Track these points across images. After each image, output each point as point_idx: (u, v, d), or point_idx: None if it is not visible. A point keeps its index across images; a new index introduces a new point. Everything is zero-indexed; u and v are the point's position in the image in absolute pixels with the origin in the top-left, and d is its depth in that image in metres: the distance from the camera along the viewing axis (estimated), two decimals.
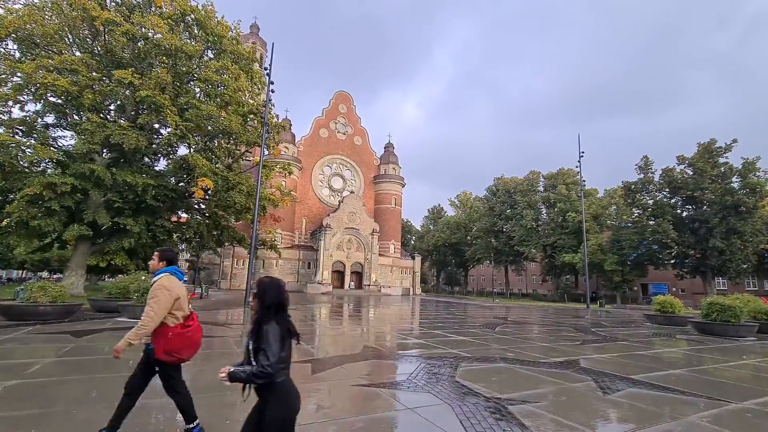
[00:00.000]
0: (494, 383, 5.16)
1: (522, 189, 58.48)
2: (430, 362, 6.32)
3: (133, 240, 21.47)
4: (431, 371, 5.65)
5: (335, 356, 6.61)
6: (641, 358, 7.53)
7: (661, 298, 15.97)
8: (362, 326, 12.08)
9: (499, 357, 7.04)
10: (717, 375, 6.11)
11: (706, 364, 6.99)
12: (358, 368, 5.80)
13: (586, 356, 7.42)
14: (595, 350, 8.21)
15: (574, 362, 6.73)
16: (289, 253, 44.09)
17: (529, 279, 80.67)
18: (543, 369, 6.10)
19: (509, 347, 8.28)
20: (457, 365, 6.13)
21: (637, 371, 6.17)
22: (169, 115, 17.50)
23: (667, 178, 40.01)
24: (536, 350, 8.06)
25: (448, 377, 5.30)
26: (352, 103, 53.95)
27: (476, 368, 6.01)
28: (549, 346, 8.67)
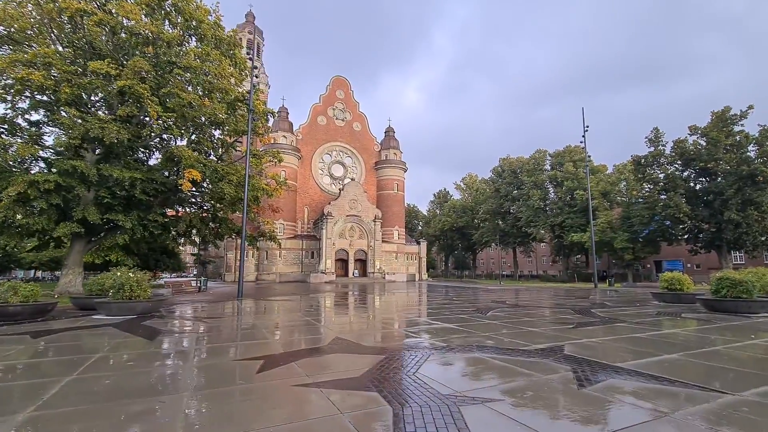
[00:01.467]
0: (458, 378, 4.59)
1: (528, 169, 57.15)
2: (398, 355, 5.77)
3: (127, 236, 21.30)
4: (393, 365, 5.10)
5: (296, 351, 6.10)
6: (637, 341, 6.87)
7: (669, 275, 15.15)
8: (344, 317, 11.60)
9: (477, 345, 6.46)
10: (717, 359, 5.43)
11: (708, 347, 6.30)
12: (314, 364, 5.28)
13: (575, 341, 6.78)
14: (587, 334, 7.56)
15: (558, 349, 6.11)
16: (291, 243, 43.95)
17: (539, 260, 79.68)
18: (520, 358, 5.50)
19: (493, 334, 7.69)
20: (427, 357, 5.57)
21: (627, 358, 5.53)
22: (150, 105, 16.98)
23: (679, 150, 38.40)
24: (522, 336, 7.45)
25: (409, 372, 4.74)
26: (349, 89, 52.81)
27: (446, 360, 5.44)
28: (538, 331, 8.05)
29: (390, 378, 4.50)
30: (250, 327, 8.74)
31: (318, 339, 7.18)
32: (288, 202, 45.06)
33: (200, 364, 5.26)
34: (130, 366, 5.26)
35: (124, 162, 20.40)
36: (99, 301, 10.63)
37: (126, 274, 10.99)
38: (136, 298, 10.74)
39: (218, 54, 18.79)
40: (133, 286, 10.75)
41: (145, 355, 5.99)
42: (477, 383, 4.29)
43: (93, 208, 19.20)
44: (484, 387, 4.14)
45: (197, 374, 4.72)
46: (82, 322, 9.45)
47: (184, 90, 18.51)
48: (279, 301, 17.07)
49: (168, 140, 22.88)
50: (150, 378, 4.60)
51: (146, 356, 5.88)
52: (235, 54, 20.95)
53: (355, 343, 6.73)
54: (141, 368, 5.09)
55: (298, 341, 7.02)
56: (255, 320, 10.07)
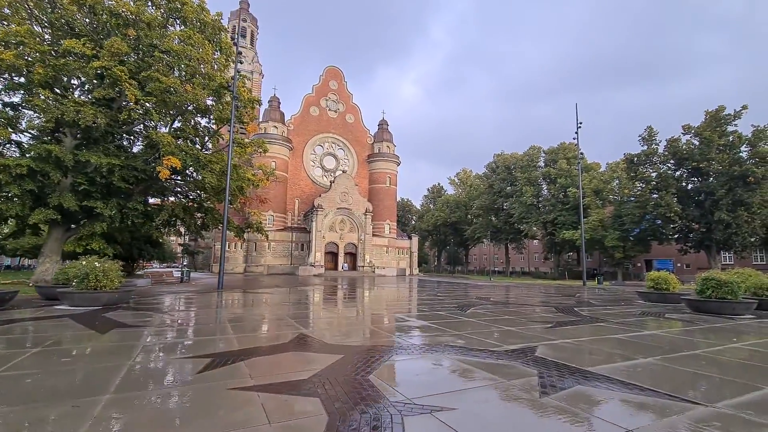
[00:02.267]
0: (414, 383, 4.23)
1: (522, 165, 56.94)
2: (359, 354, 5.41)
3: (106, 224, 20.71)
4: (349, 366, 4.73)
5: (253, 348, 5.71)
6: (615, 343, 6.58)
7: (655, 274, 14.94)
8: (318, 311, 11.23)
9: (446, 345, 6.13)
10: (695, 364, 5.12)
11: (687, 350, 6.01)
12: (265, 364, 4.90)
13: (550, 342, 6.47)
14: (564, 334, 7.25)
15: (530, 350, 5.78)
16: (281, 236, 43.42)
17: (531, 257, 79.88)
18: (488, 361, 5.16)
19: (467, 333, 7.36)
20: (389, 357, 5.22)
21: (601, 361, 5.22)
22: (128, 88, 16.35)
23: (672, 149, 38.29)
24: (495, 336, 7.13)
25: (364, 375, 4.38)
26: (343, 79, 51.96)
27: (405, 362, 5.09)
28: (514, 330, 7.73)
29: (340, 381, 4.13)
30: (216, 321, 8.34)
31: (282, 335, 6.80)
32: (278, 194, 44.43)
33: (141, 362, 4.86)
34: (65, 363, 4.85)
35: (103, 148, 19.76)
36: (62, 290, 10.16)
37: (92, 263, 10.51)
38: (102, 289, 10.28)
39: (201, 38, 18.13)
40: (99, 276, 10.28)
41: (88, 350, 5.58)
42: (432, 389, 3.93)
43: (70, 194, 18.60)
44: (439, 393, 3.79)
45: (131, 373, 4.32)
46: (41, 313, 8.99)
47: (164, 74, 17.87)
48: (259, 293, 16.67)
49: (155, 127, 22.26)
50: (78, 377, 4.20)
51: (89, 351, 5.48)
52: (221, 39, 20.27)
53: (318, 340, 6.36)
54: (75, 365, 4.70)
55: (259, 337, 6.64)
56: (224, 313, 9.67)
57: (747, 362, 5.35)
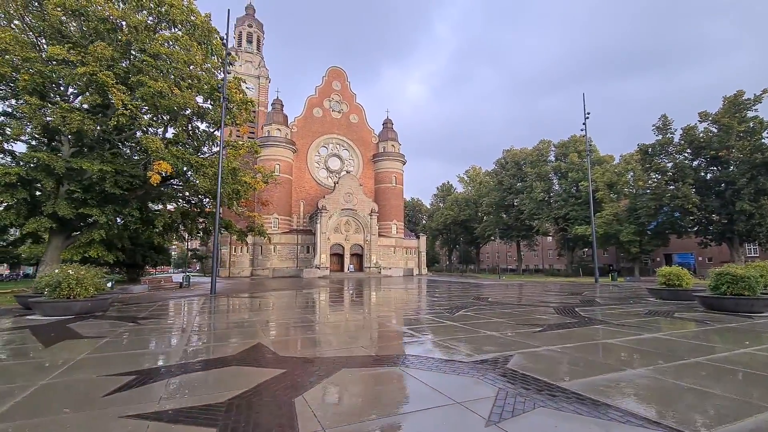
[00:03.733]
0: (342, 407, 3.60)
1: (531, 160, 55.55)
2: (303, 369, 4.82)
3: (103, 231, 20.68)
4: (278, 387, 4.14)
5: (189, 362, 5.17)
6: (606, 349, 5.81)
7: (666, 269, 13.92)
8: (294, 317, 10.67)
9: (411, 356, 5.49)
10: (693, 377, 4.34)
11: (689, 357, 5.21)
12: (189, 383, 4.35)
13: (529, 350, 5.75)
14: (550, 340, 6.51)
15: (503, 360, 5.09)
16: (286, 238, 43.20)
17: (545, 254, 78.03)
18: (448, 375, 4.50)
19: (441, 339, 6.70)
20: (335, 372, 4.61)
21: (579, 373, 4.49)
22: (114, 93, 16.16)
23: (689, 138, 36.57)
24: (473, 342, 6.44)
25: (290, 396, 3.78)
26: (346, 80, 51.52)
27: (356, 377, 4.46)
28: (496, 335, 7.01)
29: (258, 405, 3.54)
30: (178, 330, 7.86)
31: (236, 346, 6.24)
32: (283, 196, 44.23)
33: (55, 381, 4.37)
34: None
35: (98, 155, 19.71)
36: (33, 300, 9.87)
37: (66, 271, 10.21)
38: (75, 297, 9.96)
39: (187, 39, 17.85)
40: (72, 284, 9.95)
41: (13, 366, 5.13)
42: (359, 416, 3.30)
43: (64, 202, 18.57)
44: (368, 420, 3.16)
45: (33, 395, 3.82)
46: (7, 324, 8.70)
47: (153, 78, 17.66)
48: (251, 298, 16.25)
49: (147, 132, 22.16)
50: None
51: (12, 367, 5.03)
52: (211, 41, 20.00)
53: (272, 351, 5.79)
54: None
55: (209, 348, 6.10)
56: (195, 321, 9.20)
57: (760, 373, 4.53)
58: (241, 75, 72.14)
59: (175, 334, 7.32)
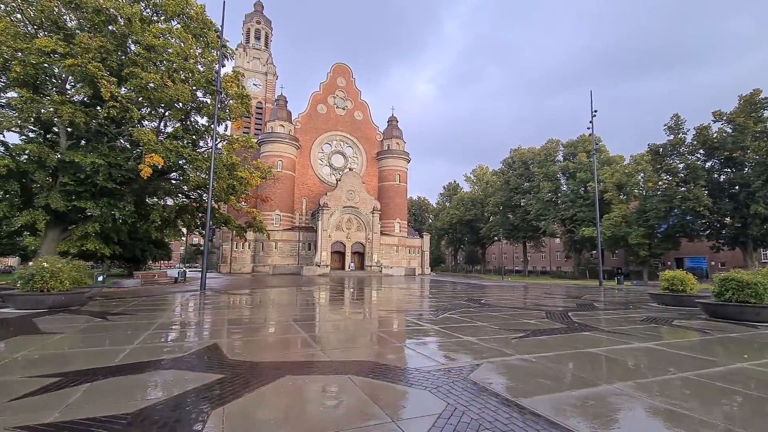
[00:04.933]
0: (262, 422, 3.17)
1: (539, 160, 54.50)
2: (238, 378, 4.41)
3: (98, 224, 20.58)
4: (202, 397, 3.73)
5: (127, 364, 4.80)
6: (585, 360, 5.29)
7: (670, 274, 13.22)
8: (268, 317, 10.29)
9: (369, 363, 5.04)
10: (674, 395, 3.81)
11: (678, 371, 4.67)
12: (110, 388, 3.96)
13: (501, 359, 5.26)
14: (529, 348, 6.00)
15: (469, 369, 4.62)
16: (288, 235, 43.00)
17: (552, 256, 76.73)
18: (398, 386, 4.05)
19: (413, 344, 6.24)
20: (274, 380, 4.19)
21: (546, 387, 4.00)
22: (103, 85, 15.96)
23: (702, 138, 35.33)
24: (445, 348, 6.00)
25: (205, 408, 3.37)
26: (351, 76, 51.06)
27: (289, 387, 4.03)
28: (472, 341, 6.53)
29: (167, 416, 3.15)
30: (142, 327, 7.52)
31: (189, 347, 5.87)
32: (285, 193, 44.01)
33: None
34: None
35: (93, 148, 19.61)
36: (5, 293, 9.66)
37: (41, 263, 9.98)
38: (49, 291, 9.72)
39: (181, 31, 17.60)
40: (45, 277, 9.71)
41: None
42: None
43: (57, 194, 18.50)
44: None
45: None
46: None
47: (146, 70, 17.45)
48: (239, 295, 15.95)
49: (155, 127, 22.04)
50: None
51: None
52: (207, 34, 19.73)
53: (222, 354, 5.39)
54: None
55: (158, 349, 5.72)
56: (165, 318, 8.87)
57: (752, 393, 3.98)
58: (248, 71, 72.29)
59: (135, 332, 6.98)
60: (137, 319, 8.59)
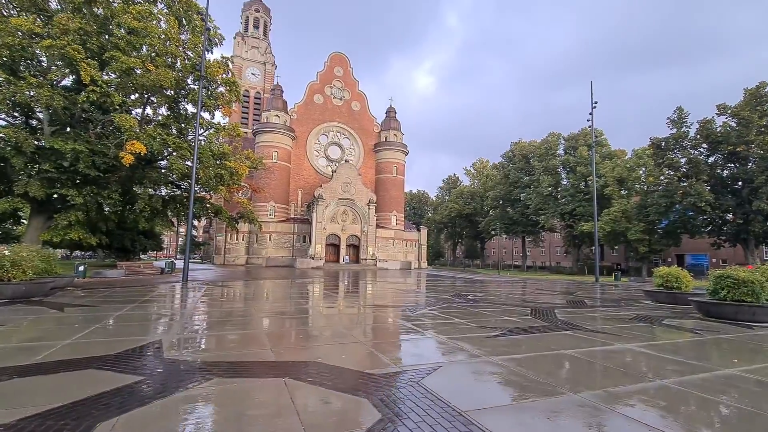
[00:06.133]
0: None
1: (540, 153, 53.72)
2: (167, 377, 3.94)
3: (81, 213, 20.15)
4: (109, 402, 3.27)
5: (48, 363, 4.34)
6: (557, 363, 4.81)
7: (665, 270, 12.71)
8: (242, 308, 9.85)
9: (315, 363, 4.57)
10: (643, 406, 3.32)
11: (654, 378, 4.17)
12: (12, 389, 3.50)
13: (464, 360, 4.78)
14: (499, 348, 5.51)
15: (424, 373, 4.13)
16: (282, 227, 42.55)
17: (552, 251, 76.22)
18: (335, 393, 3.58)
19: (378, 342, 5.77)
20: (197, 384, 3.72)
21: (502, 396, 3.53)
22: (83, 68, 15.41)
23: (705, 132, 34.53)
24: (409, 347, 5.52)
25: (95, 419, 2.91)
26: (349, 66, 50.13)
27: (209, 392, 3.56)
28: (441, 339, 6.05)
29: (42, 429, 2.67)
30: (91, 320, 7.08)
31: (126, 343, 5.39)
32: (280, 184, 43.46)
33: None
34: None
35: (75, 134, 19.10)
36: None
37: (1, 252, 9.53)
38: (9, 280, 9.29)
39: (162, 12, 16.97)
40: (6, 266, 9.28)
41: None
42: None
43: (37, 182, 18.06)
44: None
45: None
46: None
47: (126, 54, 16.86)
48: (222, 287, 15.53)
49: (142, 113, 21.48)
50: None
51: None
52: (191, 17, 19.08)
53: (159, 352, 4.93)
54: None
55: (91, 345, 5.26)
56: (128, 311, 8.42)
57: (736, 406, 3.47)
58: (246, 61, 71.16)
59: (82, 326, 6.53)
60: (95, 311, 8.15)
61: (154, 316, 7.93)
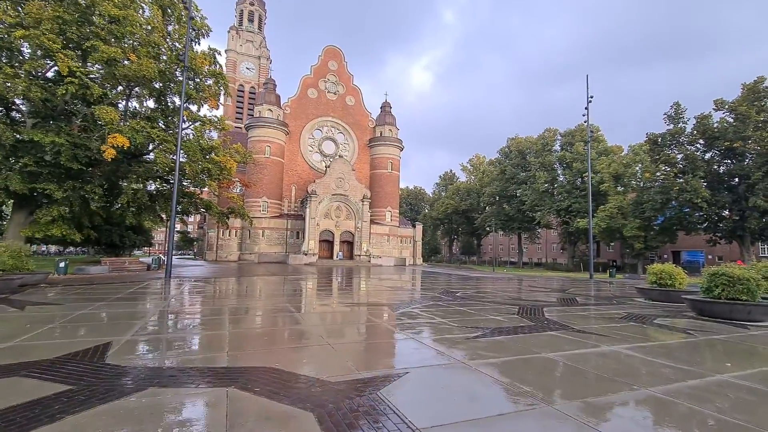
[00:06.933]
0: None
1: (536, 149, 53.38)
2: (99, 387, 3.54)
3: (65, 208, 19.65)
4: (10, 419, 2.86)
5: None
6: (530, 370, 4.43)
7: (658, 267, 12.37)
8: (213, 306, 9.46)
9: (267, 369, 4.17)
10: (619, 423, 2.94)
11: (639, 386, 3.79)
12: None
13: (435, 365, 4.39)
14: (475, 351, 5.14)
15: (383, 381, 3.74)
16: (276, 223, 42.09)
17: (549, 247, 76.10)
18: (276, 404, 3.18)
19: (348, 344, 5.37)
20: (129, 394, 3.32)
21: (460, 410, 3.14)
22: (60, 59, 14.88)
23: (702, 127, 34.23)
24: (380, 350, 5.12)
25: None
26: (343, 60, 49.45)
27: (134, 406, 3.15)
28: (417, 340, 5.67)
29: None
30: (50, 320, 6.68)
31: (75, 344, 4.99)
32: (273, 180, 42.94)
33: None
34: None
35: (56, 127, 18.56)
36: None
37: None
38: None
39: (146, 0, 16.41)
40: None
41: None
42: None
43: (17, 176, 17.56)
44: None
45: None
46: None
47: (107, 43, 16.32)
48: (204, 283, 15.10)
49: (125, 105, 20.94)
50: None
51: None
52: (176, 6, 18.53)
53: (102, 356, 4.52)
54: None
55: (38, 347, 4.85)
56: (93, 309, 8.00)
57: (725, 419, 3.10)
58: (241, 55, 70.24)
59: (33, 326, 6.11)
60: (58, 309, 7.73)
61: (118, 315, 7.51)
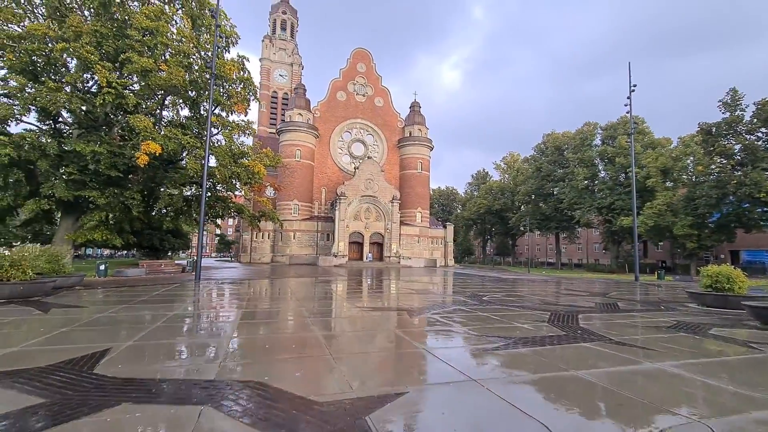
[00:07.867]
0: None
1: (574, 144, 50.74)
2: (73, 399, 3.35)
3: (104, 213, 20.67)
4: None
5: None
6: (557, 392, 3.82)
7: (714, 270, 11.02)
8: (227, 311, 9.34)
9: (256, 384, 3.84)
10: None
11: (690, 417, 3.10)
12: None
13: (442, 384, 3.89)
14: (496, 366, 4.57)
15: (378, 402, 3.30)
16: (306, 225, 42.61)
17: (590, 248, 72.18)
18: (249, 428, 2.82)
19: (351, 355, 4.97)
20: (101, 409, 3.10)
21: None
22: (98, 71, 15.63)
23: (763, 115, 30.93)
24: (387, 363, 4.67)
25: None
26: (371, 61, 49.41)
27: (105, 424, 2.90)
28: (427, 351, 5.16)
29: None
30: (65, 324, 6.78)
31: (72, 351, 4.92)
32: (304, 183, 43.56)
33: None
34: None
35: (97, 137, 19.60)
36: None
37: (1, 253, 9.57)
38: (9, 280, 9.31)
39: (174, 10, 16.94)
40: (5, 266, 9.29)
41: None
42: None
43: (62, 184, 18.65)
44: None
45: None
46: None
47: (141, 55, 16.99)
48: (232, 284, 15.28)
49: (159, 113, 21.85)
50: None
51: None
52: (204, 16, 19.03)
53: (91, 365, 4.39)
54: None
55: (37, 354, 4.82)
56: (111, 313, 8.12)
57: None
58: (274, 63, 72.17)
59: (45, 329, 6.19)
60: (79, 313, 7.89)
61: (131, 318, 7.54)
